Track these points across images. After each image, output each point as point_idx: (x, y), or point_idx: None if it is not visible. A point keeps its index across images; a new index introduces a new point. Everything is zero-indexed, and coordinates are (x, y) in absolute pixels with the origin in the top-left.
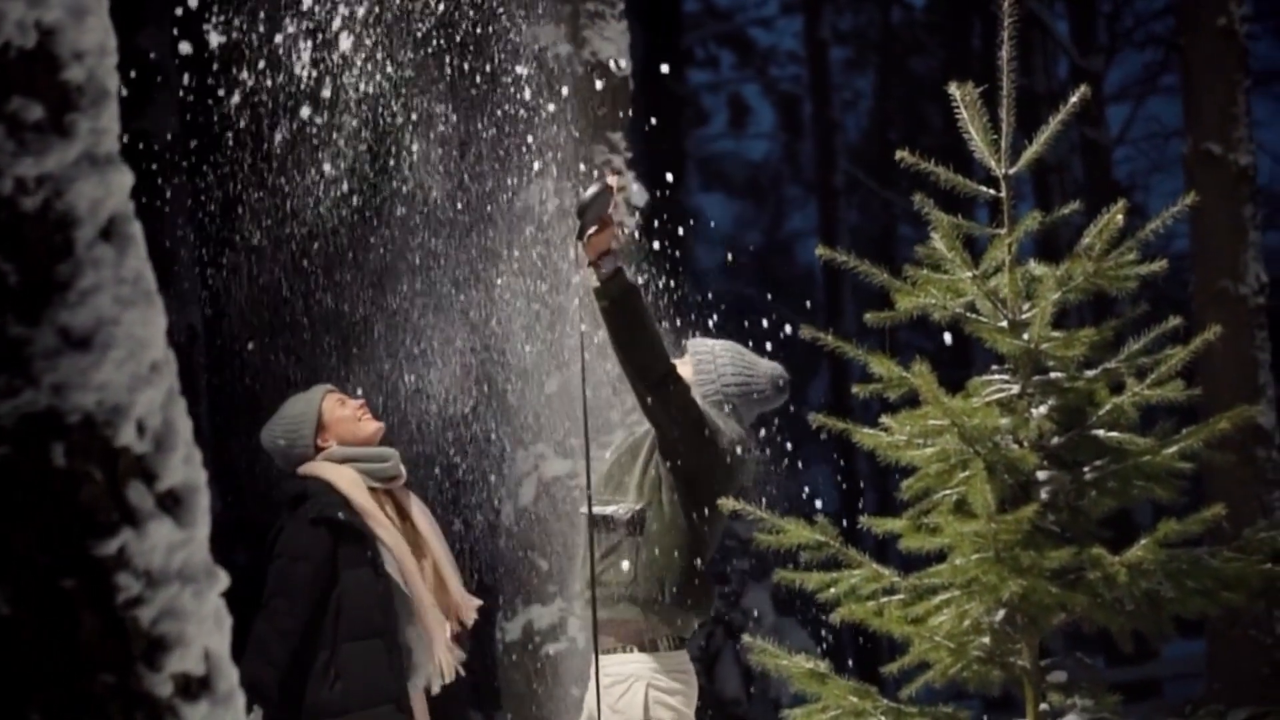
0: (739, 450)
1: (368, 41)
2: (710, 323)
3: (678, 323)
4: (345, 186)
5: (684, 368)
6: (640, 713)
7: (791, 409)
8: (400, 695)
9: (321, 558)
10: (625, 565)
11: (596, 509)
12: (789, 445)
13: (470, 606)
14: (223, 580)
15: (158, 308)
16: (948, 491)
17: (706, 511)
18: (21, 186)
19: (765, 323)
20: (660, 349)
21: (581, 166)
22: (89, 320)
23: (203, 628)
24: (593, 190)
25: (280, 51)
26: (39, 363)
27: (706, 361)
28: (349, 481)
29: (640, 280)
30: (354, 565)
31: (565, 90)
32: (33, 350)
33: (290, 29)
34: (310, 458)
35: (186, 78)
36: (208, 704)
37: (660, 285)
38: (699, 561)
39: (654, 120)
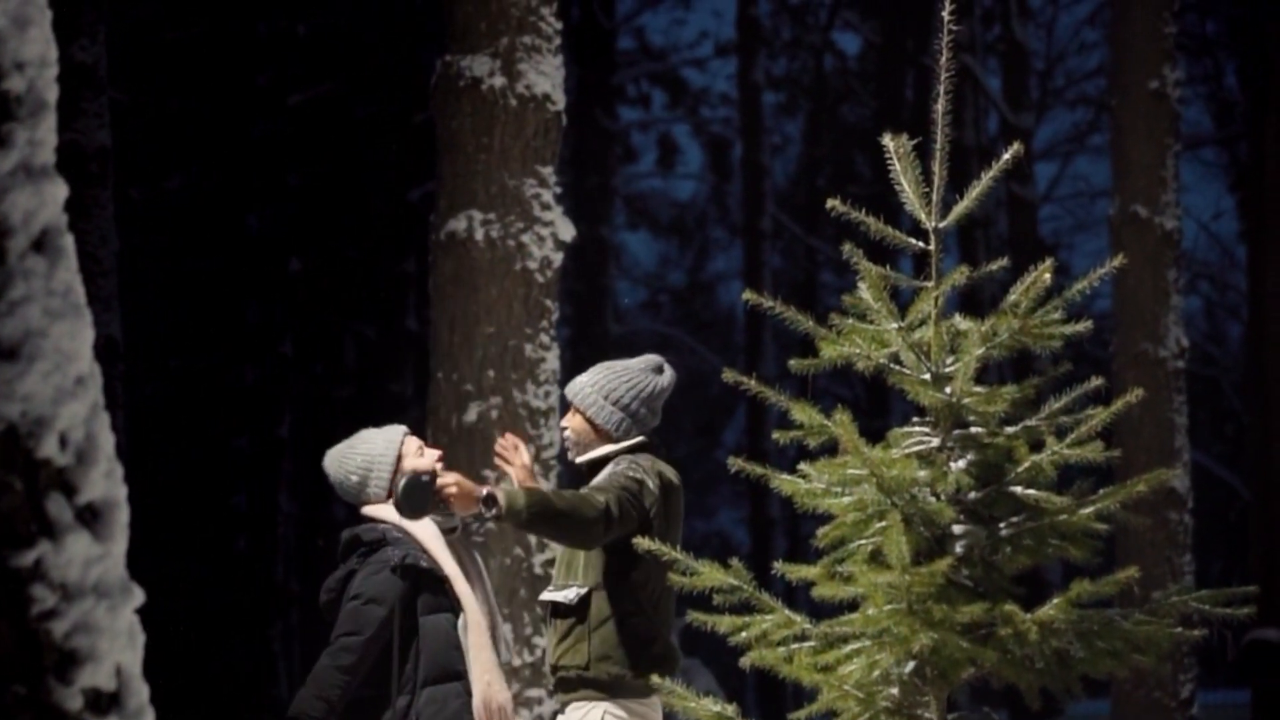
0: (668, 488)
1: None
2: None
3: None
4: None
5: (574, 418)
6: None
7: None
8: None
9: (396, 603)
10: (582, 649)
11: (547, 595)
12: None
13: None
14: (137, 596)
15: (86, 321)
16: (863, 541)
17: (650, 575)
18: None
19: (685, 362)
20: (581, 518)
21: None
22: (17, 331)
23: (115, 643)
24: (403, 487)
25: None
26: None
27: (591, 400)
28: (429, 532)
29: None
30: (433, 611)
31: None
32: None
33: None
34: (382, 500)
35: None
36: (117, 719)
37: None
38: (658, 626)
39: (583, 155)
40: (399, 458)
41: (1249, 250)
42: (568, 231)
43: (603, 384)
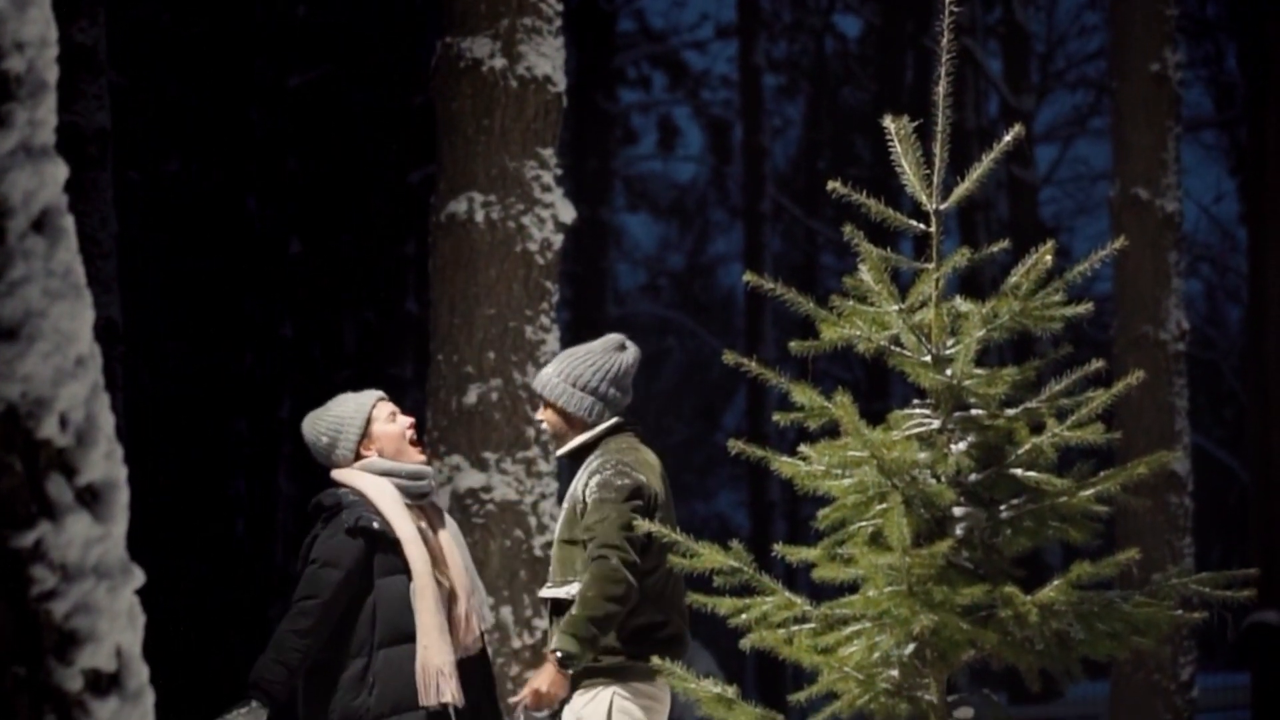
0: (657, 484)
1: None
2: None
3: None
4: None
5: (546, 411)
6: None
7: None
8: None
9: (352, 566)
10: None
11: (547, 592)
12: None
13: (473, 632)
14: (138, 577)
15: (85, 302)
16: (864, 523)
17: (656, 563)
18: None
19: (685, 345)
20: (615, 595)
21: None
22: (17, 311)
23: (115, 624)
24: None
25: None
26: None
27: (559, 389)
28: (386, 496)
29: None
30: (389, 573)
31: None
32: None
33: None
34: (349, 463)
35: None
36: (117, 700)
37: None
38: (666, 613)
39: (583, 137)
40: (368, 421)
41: (1249, 233)
42: (568, 213)
43: (568, 371)
